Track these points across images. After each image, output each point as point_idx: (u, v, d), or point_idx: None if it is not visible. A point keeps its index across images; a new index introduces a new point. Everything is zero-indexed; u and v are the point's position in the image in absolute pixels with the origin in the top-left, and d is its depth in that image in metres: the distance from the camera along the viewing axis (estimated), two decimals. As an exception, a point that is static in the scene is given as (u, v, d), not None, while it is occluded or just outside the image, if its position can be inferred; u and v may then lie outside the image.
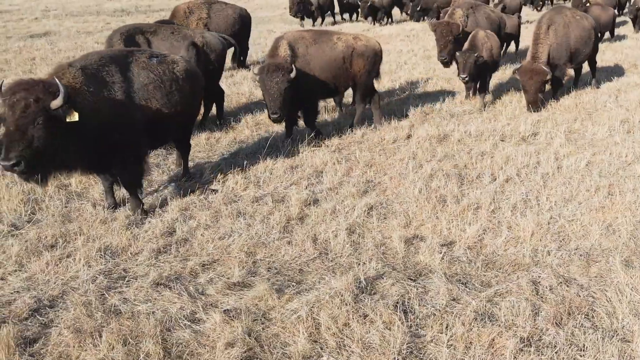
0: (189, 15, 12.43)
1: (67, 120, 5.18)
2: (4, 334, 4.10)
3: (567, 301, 4.62)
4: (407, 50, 17.16)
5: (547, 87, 10.47)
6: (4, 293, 4.82)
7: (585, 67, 12.31)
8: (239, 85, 12.41)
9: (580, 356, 4.02)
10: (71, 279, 5.02)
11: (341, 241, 5.59)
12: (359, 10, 25.71)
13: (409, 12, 26.37)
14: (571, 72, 12.14)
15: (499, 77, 13.05)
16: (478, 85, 10.98)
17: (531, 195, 6.68)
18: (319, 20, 25.91)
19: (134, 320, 4.35)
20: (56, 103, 5.11)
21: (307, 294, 4.73)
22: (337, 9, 27.14)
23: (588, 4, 18.66)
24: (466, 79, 10.44)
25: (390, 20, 25.97)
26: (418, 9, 24.58)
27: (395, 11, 27.31)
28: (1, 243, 5.60)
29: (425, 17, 24.48)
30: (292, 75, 7.81)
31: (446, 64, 11.97)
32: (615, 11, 21.09)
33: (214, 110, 9.84)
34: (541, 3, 29.33)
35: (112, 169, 6.09)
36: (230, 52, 12.49)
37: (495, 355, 4.05)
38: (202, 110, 8.92)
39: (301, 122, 8.84)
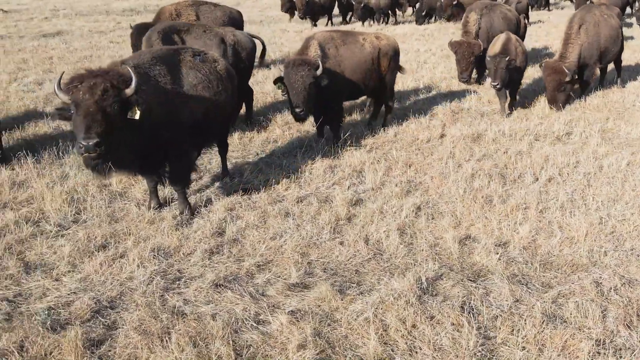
0: (175, 17, 11.45)
1: (129, 116, 5.14)
2: (72, 336, 4.05)
3: (634, 302, 4.56)
4: (424, 50, 17.09)
5: (576, 86, 10.40)
6: (61, 294, 4.76)
7: (610, 65, 12.25)
8: (262, 85, 12.35)
9: (657, 358, 3.97)
10: (127, 279, 4.97)
11: (394, 242, 5.53)
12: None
13: (406, 13, 26.36)
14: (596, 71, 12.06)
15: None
16: (508, 93, 10.21)
17: (576, 195, 6.63)
18: (322, 20, 25.59)
19: (201, 322, 4.30)
20: (129, 91, 5.11)
21: (369, 295, 4.68)
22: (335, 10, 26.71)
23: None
24: (498, 86, 9.62)
25: (387, 21, 25.61)
26: (423, 13, 24.47)
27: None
28: (51, 243, 5.55)
29: (430, 20, 24.38)
30: (319, 72, 7.68)
31: (467, 83, 11.85)
32: (619, 11, 20.91)
33: (242, 109, 9.78)
34: (536, 4, 29.29)
35: (160, 169, 6.05)
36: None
37: (571, 358, 4.00)
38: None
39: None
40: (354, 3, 24.64)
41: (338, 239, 5.66)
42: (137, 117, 5.18)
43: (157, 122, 5.61)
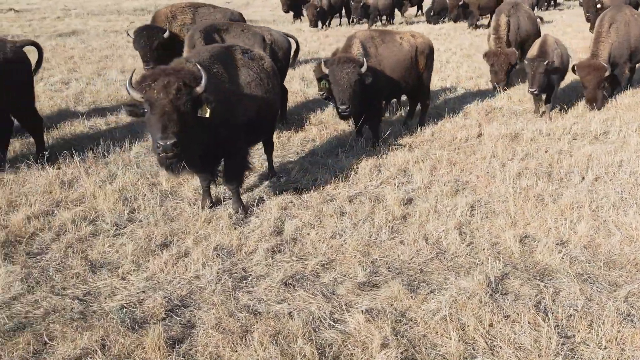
0: (171, 20, 10.97)
1: (199, 115, 5.14)
2: (155, 334, 4.05)
3: None
4: (444, 49, 17.08)
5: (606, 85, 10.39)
6: (131, 293, 4.77)
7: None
8: (289, 84, 12.31)
9: None
10: (194, 278, 4.97)
11: (454, 241, 5.53)
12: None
13: (407, 14, 26.28)
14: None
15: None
16: (544, 97, 9.88)
17: (626, 194, 6.62)
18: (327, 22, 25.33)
19: (279, 321, 4.30)
20: (199, 89, 5.12)
21: (441, 294, 4.68)
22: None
23: (599, 5, 18.30)
24: (535, 92, 9.29)
25: (391, 21, 25.21)
26: (432, 13, 24.42)
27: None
28: (112, 242, 5.56)
29: (444, 20, 24.31)
30: (363, 69, 7.68)
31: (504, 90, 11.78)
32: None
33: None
34: (546, 4, 29.25)
35: (215, 167, 6.06)
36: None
37: (654, 357, 4.00)
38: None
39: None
40: (352, 3, 24.53)
41: (397, 238, 5.66)
42: (207, 115, 5.19)
43: (217, 120, 5.61)
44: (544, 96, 9.86)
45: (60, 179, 6.97)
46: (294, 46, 10.12)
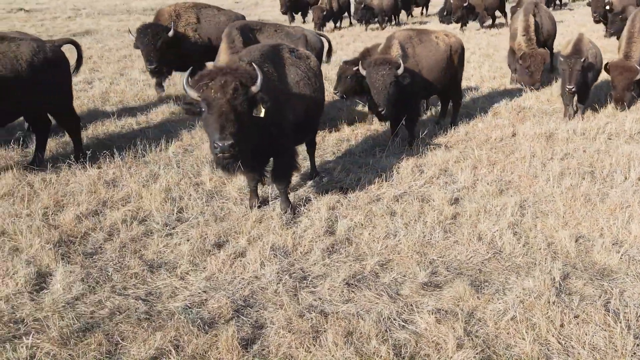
0: (175, 19, 10.72)
1: (254, 114, 5.12)
2: (229, 335, 4.03)
3: None
4: (462, 49, 17.02)
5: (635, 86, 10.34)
6: (192, 293, 4.75)
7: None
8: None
9: None
10: (254, 278, 4.95)
11: (509, 241, 5.51)
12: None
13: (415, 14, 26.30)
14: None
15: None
16: (576, 98, 9.66)
17: (672, 194, 6.59)
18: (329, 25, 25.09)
19: (349, 321, 4.28)
20: (254, 89, 5.10)
21: (504, 295, 4.66)
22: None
23: (608, 7, 18.16)
24: (573, 89, 9.14)
25: (397, 21, 25.08)
26: (445, 13, 24.34)
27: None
28: (166, 242, 5.53)
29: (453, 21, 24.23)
30: (400, 71, 7.66)
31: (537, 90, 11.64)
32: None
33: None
34: (552, 4, 29.19)
35: (264, 167, 6.04)
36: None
37: None
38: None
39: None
40: (354, 3, 24.34)
41: (451, 238, 5.64)
42: (262, 114, 5.17)
43: (269, 120, 5.59)
44: (575, 97, 9.78)
45: (103, 178, 6.95)
46: (326, 45, 10.10)
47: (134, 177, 6.95)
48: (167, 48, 10.31)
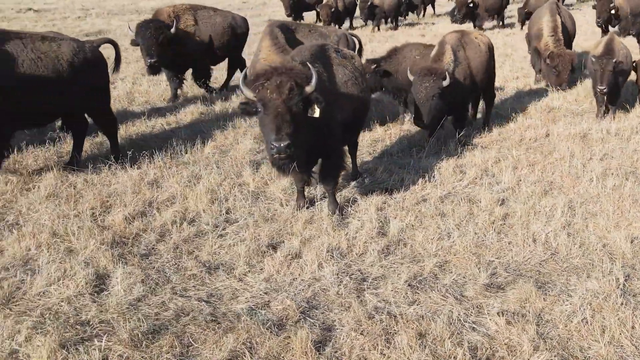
0: (174, 20, 10.53)
1: (309, 114, 5.10)
2: (303, 337, 4.00)
3: None
4: (480, 49, 16.99)
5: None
6: (254, 294, 4.72)
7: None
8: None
9: None
10: (313, 280, 4.92)
11: (564, 242, 5.48)
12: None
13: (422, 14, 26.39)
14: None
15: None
16: (606, 99, 9.50)
17: None
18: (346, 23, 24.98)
19: (420, 323, 4.25)
20: (309, 89, 5.09)
21: (569, 296, 4.63)
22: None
23: (614, 11, 18.00)
24: (605, 90, 8.98)
25: (396, 23, 25.01)
26: (455, 13, 24.26)
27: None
28: (219, 243, 5.50)
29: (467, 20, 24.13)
30: (445, 83, 7.56)
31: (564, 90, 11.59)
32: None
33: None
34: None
35: (312, 168, 6.02)
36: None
37: None
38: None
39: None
40: (358, 3, 24.21)
41: (505, 239, 5.61)
42: (316, 115, 5.15)
43: (320, 120, 5.56)
44: (606, 97, 9.72)
45: (145, 179, 6.92)
46: (357, 45, 10.08)
47: (175, 177, 6.92)
48: (168, 45, 10.27)
